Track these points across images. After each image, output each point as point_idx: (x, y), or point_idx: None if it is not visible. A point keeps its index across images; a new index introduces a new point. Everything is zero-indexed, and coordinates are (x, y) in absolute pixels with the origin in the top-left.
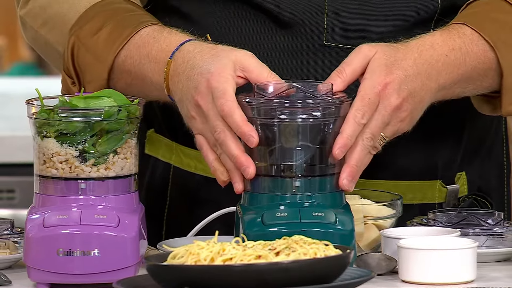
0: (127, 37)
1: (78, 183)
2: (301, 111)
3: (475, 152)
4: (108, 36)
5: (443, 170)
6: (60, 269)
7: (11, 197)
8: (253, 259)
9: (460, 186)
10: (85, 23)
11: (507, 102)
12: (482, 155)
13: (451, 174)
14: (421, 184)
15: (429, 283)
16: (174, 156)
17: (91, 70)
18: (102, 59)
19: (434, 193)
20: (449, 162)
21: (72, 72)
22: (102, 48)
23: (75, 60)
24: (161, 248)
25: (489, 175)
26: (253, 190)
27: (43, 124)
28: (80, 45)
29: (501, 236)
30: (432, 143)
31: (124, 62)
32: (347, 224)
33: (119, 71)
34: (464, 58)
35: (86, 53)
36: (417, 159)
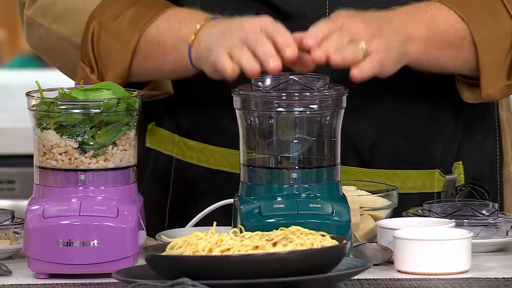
0: (152, 17)
1: (78, 175)
2: (298, 103)
3: (470, 142)
4: (132, 17)
5: (441, 160)
6: (60, 259)
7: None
8: (250, 249)
9: (458, 175)
10: (106, 8)
11: (486, 85)
12: (476, 145)
13: (449, 163)
14: (420, 173)
15: (425, 273)
16: (176, 148)
17: (114, 54)
18: (126, 40)
19: (433, 182)
20: (446, 151)
21: (92, 59)
22: (126, 29)
23: (95, 46)
24: (160, 239)
25: (482, 164)
26: (250, 181)
27: (43, 116)
28: (101, 30)
29: (495, 226)
30: (431, 133)
31: (146, 34)
32: (344, 215)
33: (140, 46)
34: (432, 17)
35: (108, 37)
36: (417, 148)
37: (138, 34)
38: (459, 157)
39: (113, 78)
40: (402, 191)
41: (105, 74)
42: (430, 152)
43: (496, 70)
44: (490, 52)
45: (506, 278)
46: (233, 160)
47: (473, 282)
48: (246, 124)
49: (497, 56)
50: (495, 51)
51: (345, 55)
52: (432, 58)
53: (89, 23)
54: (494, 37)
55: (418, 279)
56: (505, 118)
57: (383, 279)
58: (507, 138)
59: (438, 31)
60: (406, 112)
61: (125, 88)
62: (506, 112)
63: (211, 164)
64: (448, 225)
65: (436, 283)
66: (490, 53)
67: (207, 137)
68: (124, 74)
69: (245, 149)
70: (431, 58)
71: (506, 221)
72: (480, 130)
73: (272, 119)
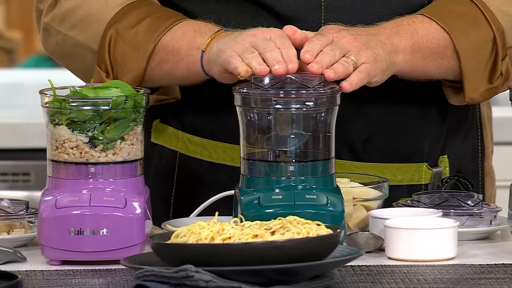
0: (168, 26)
1: (88, 167)
2: (295, 101)
3: (455, 137)
4: (148, 26)
5: (429, 154)
6: (71, 247)
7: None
8: (250, 238)
9: (443, 168)
10: (123, 17)
11: (469, 89)
12: (460, 141)
13: (435, 157)
14: (409, 167)
15: (414, 260)
16: (180, 143)
17: (129, 60)
18: (142, 48)
19: (421, 175)
20: (433, 147)
21: (108, 64)
22: (142, 38)
23: (111, 53)
24: (165, 228)
25: (466, 158)
26: (250, 174)
27: (55, 113)
28: (118, 38)
29: (480, 216)
30: (419, 131)
31: (162, 41)
32: (338, 206)
33: (155, 52)
34: (415, 29)
35: (124, 44)
36: (406, 144)
37: (153, 43)
38: (444, 151)
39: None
40: (392, 183)
41: (120, 78)
42: (419, 147)
43: (478, 75)
44: (472, 59)
45: (490, 264)
46: (234, 154)
47: (459, 268)
48: (246, 120)
49: (478, 62)
50: (476, 58)
51: (337, 70)
52: (417, 67)
53: (107, 31)
54: (475, 45)
55: (407, 266)
56: (485, 114)
57: (374, 266)
58: (488, 133)
59: (422, 41)
60: (398, 112)
61: (132, 87)
62: (487, 109)
63: (213, 158)
64: (435, 215)
65: (425, 269)
66: (472, 60)
67: (210, 134)
68: (138, 79)
69: (245, 143)
70: (416, 67)
71: (490, 211)
72: (464, 127)
73: (270, 116)
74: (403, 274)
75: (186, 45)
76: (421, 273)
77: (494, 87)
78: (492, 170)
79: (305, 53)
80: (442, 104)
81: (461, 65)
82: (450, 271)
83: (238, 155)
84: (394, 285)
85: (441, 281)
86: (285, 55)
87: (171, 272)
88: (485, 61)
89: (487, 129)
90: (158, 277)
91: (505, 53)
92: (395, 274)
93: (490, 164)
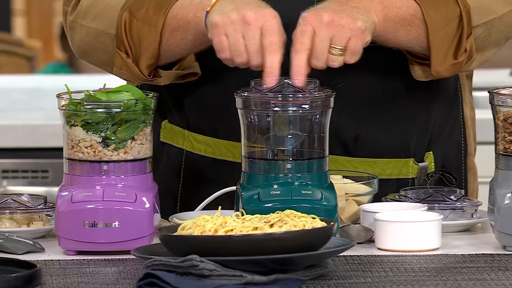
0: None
1: (101, 165)
2: (292, 104)
3: (439, 135)
4: (157, 3)
5: (415, 150)
6: (86, 238)
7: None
8: (250, 230)
9: (429, 163)
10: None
11: (435, 62)
12: (444, 138)
13: (421, 153)
14: (397, 162)
15: (401, 250)
16: (186, 142)
17: (145, 37)
18: (154, 23)
19: (408, 170)
20: (419, 143)
21: (127, 45)
22: (153, 13)
23: (128, 33)
24: (172, 221)
25: (450, 154)
26: (251, 171)
27: (71, 115)
28: (132, 18)
29: (462, 210)
30: (406, 128)
31: (172, 12)
32: (331, 200)
33: (166, 24)
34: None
35: (138, 22)
36: (394, 140)
37: (163, 16)
38: (430, 148)
39: (146, 59)
40: (381, 177)
41: (139, 57)
42: (406, 144)
43: (444, 49)
44: (439, 32)
45: (471, 254)
46: (235, 151)
47: (443, 258)
48: (247, 122)
49: (444, 36)
50: (443, 31)
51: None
52: (389, 31)
53: (121, 14)
54: (443, 19)
55: (395, 256)
56: (468, 115)
57: (365, 256)
58: (471, 132)
59: (391, 7)
60: (386, 111)
61: (142, 91)
62: (470, 110)
63: (216, 155)
64: (421, 209)
65: (411, 259)
66: (439, 33)
67: (213, 132)
68: (155, 54)
69: (246, 143)
70: (389, 31)
71: (471, 205)
72: (448, 126)
73: (269, 117)
74: (392, 263)
75: (193, 9)
76: (408, 262)
77: (458, 63)
78: (474, 167)
79: (296, 76)
80: (428, 105)
81: (428, 37)
82: (435, 261)
83: (239, 152)
84: (383, 274)
85: (427, 270)
86: (268, 65)
87: (178, 262)
88: (452, 36)
89: (469, 129)
90: (165, 266)
91: (470, 31)
92: (384, 263)
93: (472, 161)
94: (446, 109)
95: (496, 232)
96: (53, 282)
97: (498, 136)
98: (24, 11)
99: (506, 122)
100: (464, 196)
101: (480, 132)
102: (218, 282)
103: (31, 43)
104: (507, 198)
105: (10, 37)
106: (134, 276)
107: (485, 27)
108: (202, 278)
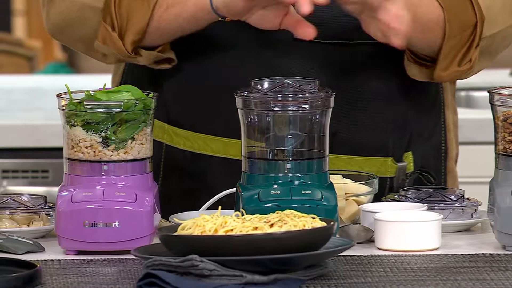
0: None
1: (101, 165)
2: (292, 104)
3: (419, 136)
4: None
5: (394, 149)
6: (86, 238)
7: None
8: (250, 230)
9: (408, 163)
10: None
11: (440, 67)
12: (424, 139)
13: (400, 153)
14: (376, 160)
15: (401, 250)
16: (166, 135)
17: (135, 12)
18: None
19: (387, 168)
20: (398, 142)
21: (114, 18)
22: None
23: (117, 6)
24: (172, 221)
25: (430, 156)
26: (251, 171)
27: (71, 115)
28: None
29: (462, 210)
30: (385, 126)
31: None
32: (331, 200)
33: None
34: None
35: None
36: (372, 138)
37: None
38: (409, 148)
39: (132, 34)
40: None
41: (126, 32)
42: (384, 142)
43: (452, 56)
44: (454, 39)
45: (471, 254)
46: (213, 145)
47: (443, 257)
48: (247, 122)
49: (457, 43)
50: (457, 39)
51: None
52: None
53: None
54: (460, 26)
55: (395, 256)
56: (450, 119)
57: (365, 256)
58: (452, 136)
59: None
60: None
61: (142, 91)
62: (452, 114)
63: (195, 149)
64: (421, 208)
65: (411, 259)
66: (453, 40)
67: (192, 126)
68: (142, 30)
69: (246, 143)
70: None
71: (471, 205)
72: (428, 128)
73: (269, 117)
74: (392, 263)
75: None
76: (408, 262)
77: (460, 71)
78: (453, 170)
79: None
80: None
81: (443, 43)
82: (435, 260)
83: (217, 146)
84: (383, 274)
85: (426, 270)
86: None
87: (178, 262)
88: (462, 44)
89: (451, 132)
90: (165, 266)
91: (479, 42)
92: (384, 263)
93: (452, 164)
94: (426, 111)
95: (496, 232)
96: (53, 282)
97: (498, 136)
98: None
99: (506, 122)
100: (464, 196)
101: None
102: (218, 282)
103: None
104: (507, 198)
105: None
106: (134, 276)
107: (489, 39)
108: (202, 278)
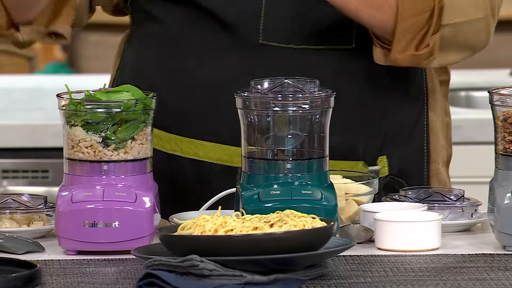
0: None
1: (101, 165)
2: (292, 104)
3: (395, 140)
4: None
5: (364, 153)
6: (86, 238)
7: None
8: (250, 230)
9: (382, 167)
10: None
11: (396, 50)
12: (401, 142)
13: (373, 156)
14: (346, 163)
15: (401, 250)
16: None
17: None
18: None
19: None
20: (369, 146)
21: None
22: None
23: None
24: (172, 221)
25: (410, 159)
26: (251, 171)
27: (71, 115)
28: None
29: (462, 210)
30: (354, 130)
31: None
32: (331, 200)
33: None
34: None
35: None
36: (341, 142)
37: None
38: (383, 152)
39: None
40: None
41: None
42: (353, 146)
43: (408, 38)
44: (407, 21)
45: (471, 254)
46: (184, 146)
47: (442, 257)
48: (247, 122)
49: (411, 26)
50: (412, 21)
51: None
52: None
53: None
54: (415, 10)
55: (395, 255)
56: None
57: (365, 256)
58: (439, 139)
59: None
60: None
61: (142, 91)
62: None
63: (167, 149)
64: (421, 208)
65: (411, 259)
66: (407, 22)
67: (164, 126)
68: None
69: (246, 143)
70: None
71: (471, 205)
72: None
73: (269, 117)
74: (391, 263)
75: None
76: (408, 262)
77: (418, 55)
78: (439, 173)
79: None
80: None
81: (396, 23)
82: (435, 260)
83: (187, 147)
84: (383, 274)
85: (426, 270)
86: None
87: (178, 262)
88: (418, 28)
89: (437, 135)
90: (165, 266)
91: (438, 28)
92: (384, 263)
93: (437, 167)
94: (405, 113)
95: (496, 232)
96: (53, 282)
97: (497, 136)
98: None
99: (506, 122)
100: (464, 196)
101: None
102: (218, 282)
103: None
104: (507, 198)
105: None
106: (134, 276)
107: (453, 28)
108: (202, 278)
